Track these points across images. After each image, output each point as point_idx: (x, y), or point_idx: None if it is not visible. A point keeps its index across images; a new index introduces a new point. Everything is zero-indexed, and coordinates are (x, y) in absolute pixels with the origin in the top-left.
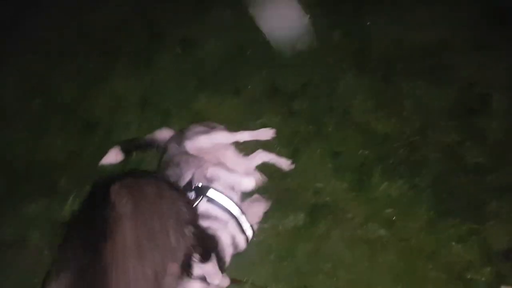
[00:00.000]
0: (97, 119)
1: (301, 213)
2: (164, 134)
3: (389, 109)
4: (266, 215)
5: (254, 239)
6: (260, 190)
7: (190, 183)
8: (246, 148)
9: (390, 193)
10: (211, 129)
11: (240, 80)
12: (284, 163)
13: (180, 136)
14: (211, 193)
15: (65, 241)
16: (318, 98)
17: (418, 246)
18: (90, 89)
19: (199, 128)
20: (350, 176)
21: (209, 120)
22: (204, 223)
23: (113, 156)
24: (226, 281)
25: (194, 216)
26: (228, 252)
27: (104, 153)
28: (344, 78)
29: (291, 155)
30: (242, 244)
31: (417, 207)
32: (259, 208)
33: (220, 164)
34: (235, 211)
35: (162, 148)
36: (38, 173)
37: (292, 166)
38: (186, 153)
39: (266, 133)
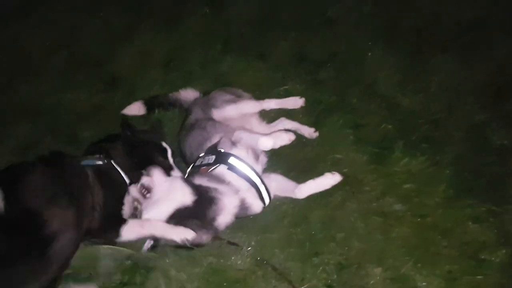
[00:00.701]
0: (122, 76)
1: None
2: (188, 94)
3: (417, 84)
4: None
5: (270, 204)
6: (278, 158)
7: (215, 146)
8: (269, 115)
9: (410, 168)
10: (237, 97)
11: (267, 45)
12: (307, 131)
13: (206, 102)
14: (232, 160)
15: None
16: (345, 68)
17: (433, 223)
18: (116, 45)
19: (226, 96)
20: (371, 149)
21: (233, 84)
22: (212, 184)
23: (136, 108)
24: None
25: None
26: (225, 216)
27: None
28: (373, 50)
29: (313, 124)
30: (256, 209)
31: (436, 185)
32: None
33: (245, 128)
34: (256, 179)
35: (185, 109)
36: (63, 124)
37: (316, 134)
38: (212, 119)
39: (294, 102)
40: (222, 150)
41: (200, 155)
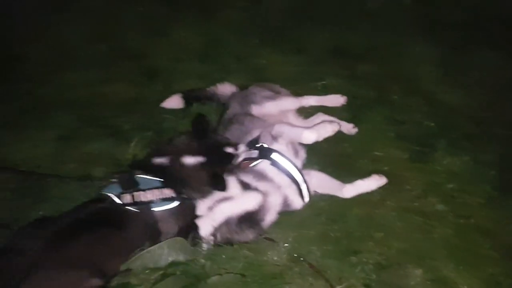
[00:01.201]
0: (159, 68)
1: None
2: (226, 89)
3: (459, 80)
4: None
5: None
6: (315, 153)
7: (256, 140)
8: (306, 111)
9: (453, 167)
10: (276, 94)
11: (304, 39)
12: (346, 127)
13: (244, 97)
14: (275, 156)
15: None
16: (384, 63)
17: (476, 224)
18: (153, 38)
19: (265, 92)
20: (412, 147)
21: (270, 78)
22: (258, 183)
23: (175, 101)
24: None
25: None
26: (271, 215)
27: None
28: (413, 44)
29: (351, 120)
30: (297, 206)
31: (480, 184)
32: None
33: (284, 122)
34: (298, 176)
35: (222, 104)
36: (102, 116)
37: (355, 130)
38: (251, 115)
39: (335, 100)
40: (265, 145)
41: None
